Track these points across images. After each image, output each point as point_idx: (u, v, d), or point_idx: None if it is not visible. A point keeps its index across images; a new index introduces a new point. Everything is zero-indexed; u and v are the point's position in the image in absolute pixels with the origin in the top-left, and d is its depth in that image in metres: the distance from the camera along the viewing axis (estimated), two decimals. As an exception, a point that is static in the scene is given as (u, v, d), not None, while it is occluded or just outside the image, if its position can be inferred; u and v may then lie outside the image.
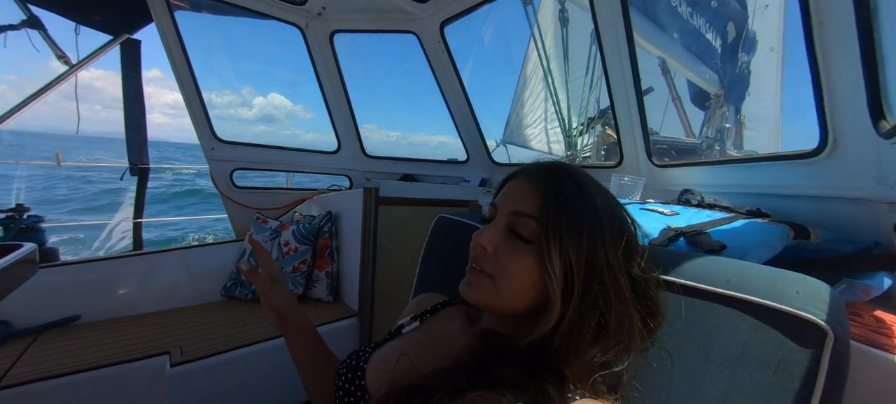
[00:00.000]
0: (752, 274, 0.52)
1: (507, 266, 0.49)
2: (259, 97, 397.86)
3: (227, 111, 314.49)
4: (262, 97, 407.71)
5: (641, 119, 1.42)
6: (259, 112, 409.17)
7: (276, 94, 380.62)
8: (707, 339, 0.51)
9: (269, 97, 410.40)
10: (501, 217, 0.52)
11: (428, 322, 0.66)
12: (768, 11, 4.41)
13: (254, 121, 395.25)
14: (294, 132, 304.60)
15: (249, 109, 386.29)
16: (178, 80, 1.84)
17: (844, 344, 0.44)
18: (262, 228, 2.07)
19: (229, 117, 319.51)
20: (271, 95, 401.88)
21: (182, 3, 1.92)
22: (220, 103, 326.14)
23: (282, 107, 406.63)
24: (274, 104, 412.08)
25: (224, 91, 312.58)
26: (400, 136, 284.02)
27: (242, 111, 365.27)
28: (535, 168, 0.54)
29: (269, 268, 0.68)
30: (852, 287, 0.62)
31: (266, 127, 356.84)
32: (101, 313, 1.68)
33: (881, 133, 0.62)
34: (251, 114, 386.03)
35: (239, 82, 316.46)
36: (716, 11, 3.65)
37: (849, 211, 0.77)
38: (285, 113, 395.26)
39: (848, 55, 0.65)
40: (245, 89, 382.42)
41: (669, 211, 0.92)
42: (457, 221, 0.97)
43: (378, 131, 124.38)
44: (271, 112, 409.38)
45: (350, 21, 2.03)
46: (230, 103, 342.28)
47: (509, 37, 30.60)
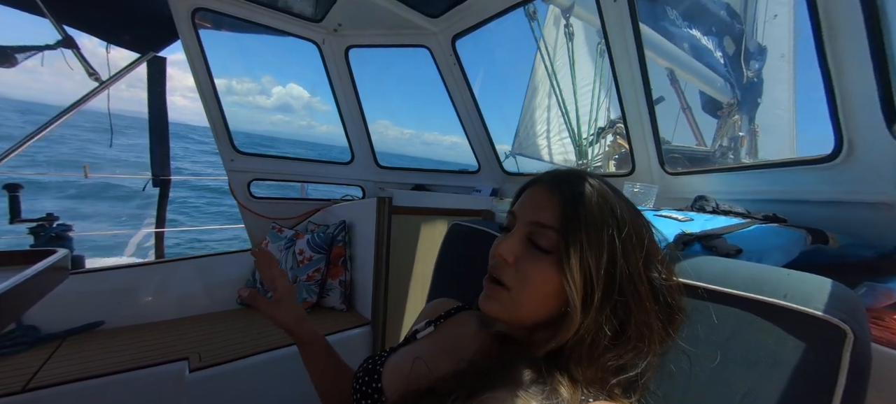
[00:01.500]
0: (770, 276, 0.52)
1: (526, 276, 0.49)
2: (278, 86, 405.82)
3: (245, 98, 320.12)
4: (281, 87, 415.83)
5: (653, 126, 1.43)
6: (277, 101, 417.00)
7: (295, 84, 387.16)
8: (725, 342, 0.52)
9: (288, 87, 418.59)
10: (520, 226, 0.52)
11: (442, 326, 0.67)
12: (777, 20, 4.38)
13: (271, 110, 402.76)
14: (310, 123, 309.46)
15: (268, 98, 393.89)
16: (201, 96, 1.91)
17: (865, 345, 0.44)
18: (277, 237, 2.11)
19: (247, 104, 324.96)
20: (290, 85, 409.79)
21: (205, 23, 2.02)
22: (240, 90, 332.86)
23: (300, 97, 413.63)
24: (292, 94, 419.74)
25: (244, 78, 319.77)
26: (413, 134, 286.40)
27: (261, 99, 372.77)
28: (553, 176, 0.54)
29: (275, 285, 0.68)
30: (873, 290, 0.62)
31: (283, 116, 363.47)
32: (122, 319, 1.73)
33: (895, 135, 0.62)
34: (269, 103, 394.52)
35: (259, 70, 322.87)
36: (724, 22, 3.64)
37: (867, 215, 0.76)
38: (303, 104, 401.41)
39: (859, 59, 0.66)
40: (265, 78, 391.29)
41: (684, 217, 0.92)
42: (471, 228, 0.99)
43: (392, 127, 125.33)
44: (289, 101, 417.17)
45: (364, 37, 2.09)
46: (249, 91, 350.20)
47: (519, 47, 30.81)
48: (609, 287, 0.46)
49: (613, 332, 0.46)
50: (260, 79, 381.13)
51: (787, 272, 0.52)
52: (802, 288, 0.48)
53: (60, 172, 8.40)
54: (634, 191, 1.40)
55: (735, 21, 3.71)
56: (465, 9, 1.75)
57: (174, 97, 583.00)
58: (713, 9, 3.50)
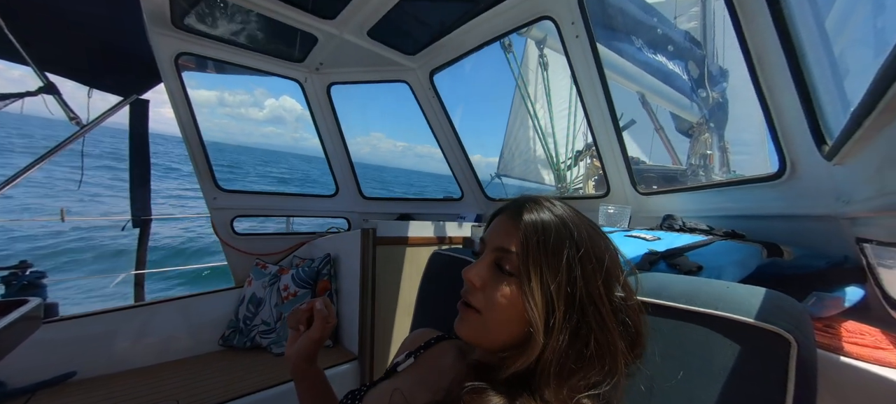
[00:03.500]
0: (721, 291, 0.56)
1: (493, 300, 0.52)
2: (271, 99, 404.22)
3: (237, 110, 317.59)
4: (274, 99, 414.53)
5: (622, 151, 1.50)
6: (269, 113, 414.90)
7: (288, 97, 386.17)
8: (686, 357, 0.54)
9: (281, 100, 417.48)
10: (488, 252, 0.54)
11: (422, 357, 0.68)
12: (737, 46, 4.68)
13: (263, 122, 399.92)
14: (302, 135, 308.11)
15: (260, 110, 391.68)
16: (184, 136, 1.93)
17: (810, 352, 0.47)
18: (261, 274, 2.08)
19: (239, 117, 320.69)
20: (283, 98, 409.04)
21: (189, 64, 2.06)
22: (232, 102, 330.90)
23: (292, 110, 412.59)
24: (285, 107, 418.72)
25: (237, 90, 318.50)
26: (406, 147, 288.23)
27: (253, 111, 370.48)
28: (516, 204, 0.57)
29: (331, 319, 0.69)
30: (822, 300, 0.66)
31: (274, 128, 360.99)
32: (97, 368, 1.66)
33: (824, 155, 0.68)
34: (261, 116, 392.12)
35: (252, 83, 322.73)
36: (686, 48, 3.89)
37: (816, 228, 0.82)
38: (295, 116, 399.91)
39: (787, 88, 0.73)
40: (257, 90, 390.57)
41: (652, 236, 0.96)
42: (451, 257, 1.01)
43: (385, 140, 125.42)
44: (282, 114, 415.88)
45: (346, 74, 2.16)
46: (241, 103, 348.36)
47: (502, 71, 32.02)
48: (570, 308, 0.48)
49: (578, 353, 0.48)
50: (253, 91, 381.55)
51: (740, 287, 0.56)
52: (754, 302, 0.51)
53: (35, 218, 8.11)
54: (610, 213, 1.46)
55: (695, 47, 3.99)
56: (440, 46, 1.84)
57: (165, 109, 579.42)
58: (675, 36, 3.75)
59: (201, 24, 1.74)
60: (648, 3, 3.43)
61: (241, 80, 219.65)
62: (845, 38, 0.62)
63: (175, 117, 1.90)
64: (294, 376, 0.69)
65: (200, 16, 1.68)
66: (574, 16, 1.37)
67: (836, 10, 0.63)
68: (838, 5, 0.63)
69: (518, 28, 1.67)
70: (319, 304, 0.65)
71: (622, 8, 3.21)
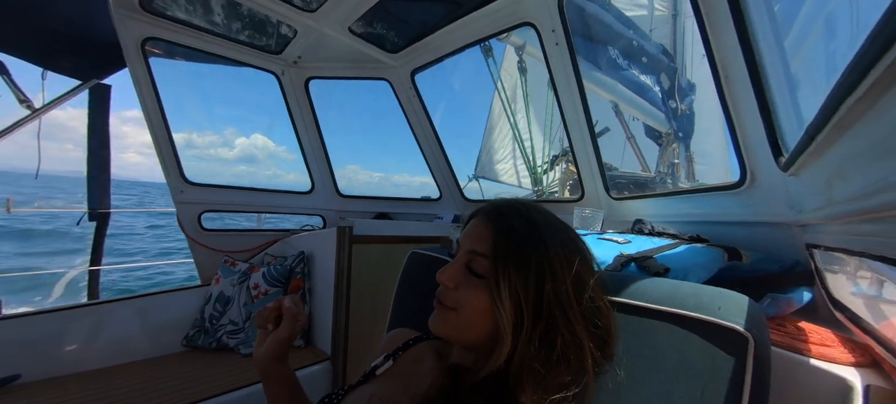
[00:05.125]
0: (687, 291, 0.59)
1: (464, 300, 0.53)
2: (241, 138, 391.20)
3: (206, 151, 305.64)
4: (245, 138, 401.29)
5: (597, 157, 1.55)
6: (240, 152, 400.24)
7: (259, 135, 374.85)
8: (651, 353, 0.57)
9: (252, 138, 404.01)
10: (461, 254, 0.56)
11: (400, 360, 0.67)
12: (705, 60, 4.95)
13: (234, 161, 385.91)
14: (276, 172, 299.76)
15: (231, 150, 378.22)
16: (148, 122, 1.83)
17: (765, 348, 0.51)
18: (230, 272, 2.01)
19: (208, 158, 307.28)
20: (254, 136, 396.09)
21: (157, 51, 1.96)
22: (202, 143, 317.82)
23: (264, 147, 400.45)
24: (256, 145, 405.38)
25: (206, 132, 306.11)
26: (383, 178, 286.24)
27: (223, 151, 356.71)
28: (490, 208, 0.59)
29: (302, 310, 0.66)
30: (776, 301, 0.70)
31: (247, 167, 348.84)
32: (44, 371, 1.54)
33: (780, 167, 0.74)
34: (232, 155, 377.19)
35: (221, 124, 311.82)
36: (660, 61, 4.08)
37: (772, 234, 0.88)
38: (267, 154, 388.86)
39: (749, 103, 0.78)
40: (227, 130, 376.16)
41: (623, 240, 1.00)
42: (429, 256, 1.01)
43: (361, 171, 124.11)
44: (253, 152, 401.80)
45: (325, 69, 2.12)
46: (211, 143, 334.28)
47: (478, 79, 32.17)
48: (538, 313, 0.49)
49: (548, 356, 0.48)
50: (223, 131, 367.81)
51: (702, 287, 0.59)
52: (712, 301, 0.54)
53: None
54: (585, 215, 1.50)
55: (668, 59, 4.18)
56: (423, 46, 1.84)
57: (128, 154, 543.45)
58: (650, 49, 3.92)
59: (172, 9, 1.66)
60: (626, 16, 3.56)
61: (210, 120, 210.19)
62: (801, 57, 0.68)
63: (140, 105, 1.80)
64: (262, 376, 0.66)
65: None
66: (555, 23, 1.41)
67: (795, 30, 0.68)
68: (796, 26, 0.68)
69: (500, 32, 1.70)
70: (288, 302, 0.63)
71: (600, 19, 3.32)
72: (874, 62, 0.24)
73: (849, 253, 0.54)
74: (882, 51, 0.23)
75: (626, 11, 3.60)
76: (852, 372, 0.56)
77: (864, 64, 0.26)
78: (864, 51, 0.25)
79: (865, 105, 0.30)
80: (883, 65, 0.23)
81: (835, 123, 0.37)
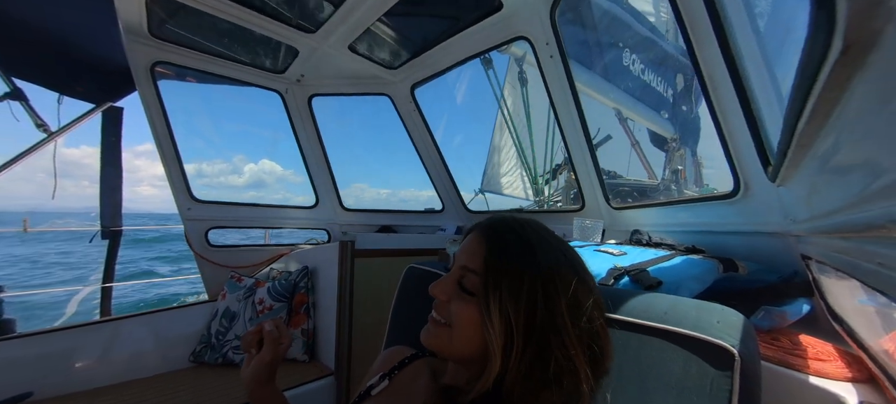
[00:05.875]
0: (676, 306, 0.58)
1: (455, 316, 0.53)
2: (250, 164, 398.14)
3: (217, 179, 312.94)
4: (253, 164, 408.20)
5: (596, 168, 1.55)
6: (250, 178, 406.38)
7: (267, 160, 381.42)
8: (644, 371, 0.56)
9: (260, 163, 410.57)
10: (455, 269, 0.55)
11: (396, 379, 0.67)
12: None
13: (244, 187, 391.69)
14: (285, 195, 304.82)
15: (240, 177, 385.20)
16: (157, 142, 1.89)
17: (753, 364, 0.50)
18: (236, 287, 2.03)
19: (219, 185, 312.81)
20: (262, 162, 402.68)
21: (166, 72, 2.03)
22: (211, 172, 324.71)
23: (272, 172, 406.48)
24: (264, 170, 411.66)
25: (216, 160, 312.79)
26: (390, 194, 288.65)
27: (233, 178, 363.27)
28: (486, 224, 0.57)
29: (283, 339, 0.68)
30: (770, 314, 0.69)
31: (256, 193, 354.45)
32: (56, 388, 1.57)
33: (769, 177, 0.73)
34: (242, 181, 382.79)
35: (230, 151, 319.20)
36: (664, 65, 4.04)
37: (768, 244, 0.87)
38: (276, 178, 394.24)
39: (736, 110, 0.78)
40: (237, 157, 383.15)
41: (618, 251, 1.00)
42: (425, 271, 1.02)
43: (369, 189, 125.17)
44: (262, 177, 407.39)
45: (327, 86, 2.17)
46: (221, 171, 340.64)
47: (480, 92, 32.26)
48: (530, 333, 0.47)
49: (541, 378, 0.47)
50: (231, 159, 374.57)
51: (695, 303, 0.58)
52: (704, 317, 0.54)
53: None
54: (585, 226, 1.50)
55: (675, 62, 4.10)
56: (421, 61, 1.88)
57: (142, 187, 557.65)
58: (669, 50, 3.86)
59: (179, 34, 1.73)
60: (643, 15, 3.52)
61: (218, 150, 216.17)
62: (784, 63, 0.67)
63: (149, 126, 1.86)
64: (250, 398, 0.67)
65: (178, 25, 1.66)
66: (548, 37, 1.43)
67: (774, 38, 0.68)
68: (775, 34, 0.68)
69: (496, 47, 1.72)
70: (269, 326, 0.64)
71: (618, 17, 3.26)
72: (810, 89, 0.24)
73: (834, 268, 0.53)
74: (812, 80, 0.23)
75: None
76: (848, 388, 0.55)
77: (804, 88, 0.26)
78: (798, 81, 0.26)
79: (815, 126, 0.30)
80: (816, 90, 0.24)
81: (796, 143, 0.37)
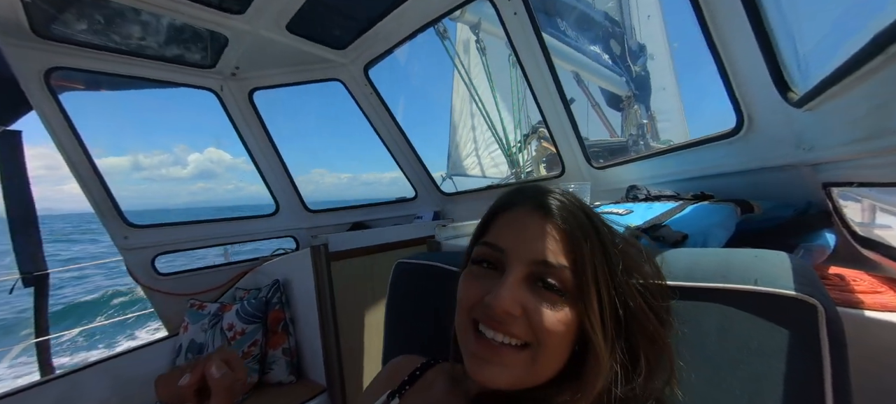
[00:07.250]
0: (736, 260, 0.49)
1: (543, 326, 0.40)
2: (194, 154, 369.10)
3: (157, 171, 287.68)
4: (198, 153, 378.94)
5: (573, 127, 1.48)
6: (195, 169, 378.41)
7: (213, 148, 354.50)
8: (711, 343, 0.48)
9: (205, 152, 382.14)
10: (517, 266, 0.42)
11: (407, 396, 0.57)
12: (651, 20, 5.06)
13: (190, 179, 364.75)
14: (237, 185, 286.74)
15: (184, 168, 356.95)
16: (72, 170, 1.59)
17: (835, 314, 0.42)
18: (198, 315, 1.80)
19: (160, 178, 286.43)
20: (208, 151, 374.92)
21: (74, 84, 1.70)
22: (150, 163, 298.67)
23: (220, 161, 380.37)
24: (211, 159, 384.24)
25: (154, 151, 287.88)
26: (351, 178, 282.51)
27: (176, 170, 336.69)
28: (539, 198, 0.45)
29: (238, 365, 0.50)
30: (809, 251, 0.65)
31: (205, 183, 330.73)
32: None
33: (792, 103, 0.67)
34: (186, 173, 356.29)
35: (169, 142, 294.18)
36: (606, 27, 4.13)
37: (778, 179, 0.83)
38: (225, 167, 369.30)
39: (743, 39, 0.71)
40: (178, 147, 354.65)
41: (624, 210, 0.93)
42: (417, 264, 0.89)
43: (329, 174, 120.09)
44: (209, 167, 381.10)
45: (268, 77, 1.93)
46: (161, 163, 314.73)
47: (441, 64, 32.10)
48: (617, 315, 0.42)
49: (630, 362, 0.42)
50: (172, 149, 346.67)
51: (753, 253, 0.49)
52: (768, 268, 0.45)
53: None
54: (571, 190, 1.43)
55: (614, 25, 4.23)
56: (371, 37, 1.69)
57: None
58: (596, 17, 3.96)
59: (72, 32, 1.42)
60: None
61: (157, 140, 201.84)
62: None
63: (56, 147, 1.55)
64: None
65: (69, 21, 1.36)
66: (512, -9, 1.31)
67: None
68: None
69: (451, 11, 1.58)
70: (215, 371, 0.46)
71: None
72: None
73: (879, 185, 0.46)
74: None
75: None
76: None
77: None
78: None
79: None
80: None
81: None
